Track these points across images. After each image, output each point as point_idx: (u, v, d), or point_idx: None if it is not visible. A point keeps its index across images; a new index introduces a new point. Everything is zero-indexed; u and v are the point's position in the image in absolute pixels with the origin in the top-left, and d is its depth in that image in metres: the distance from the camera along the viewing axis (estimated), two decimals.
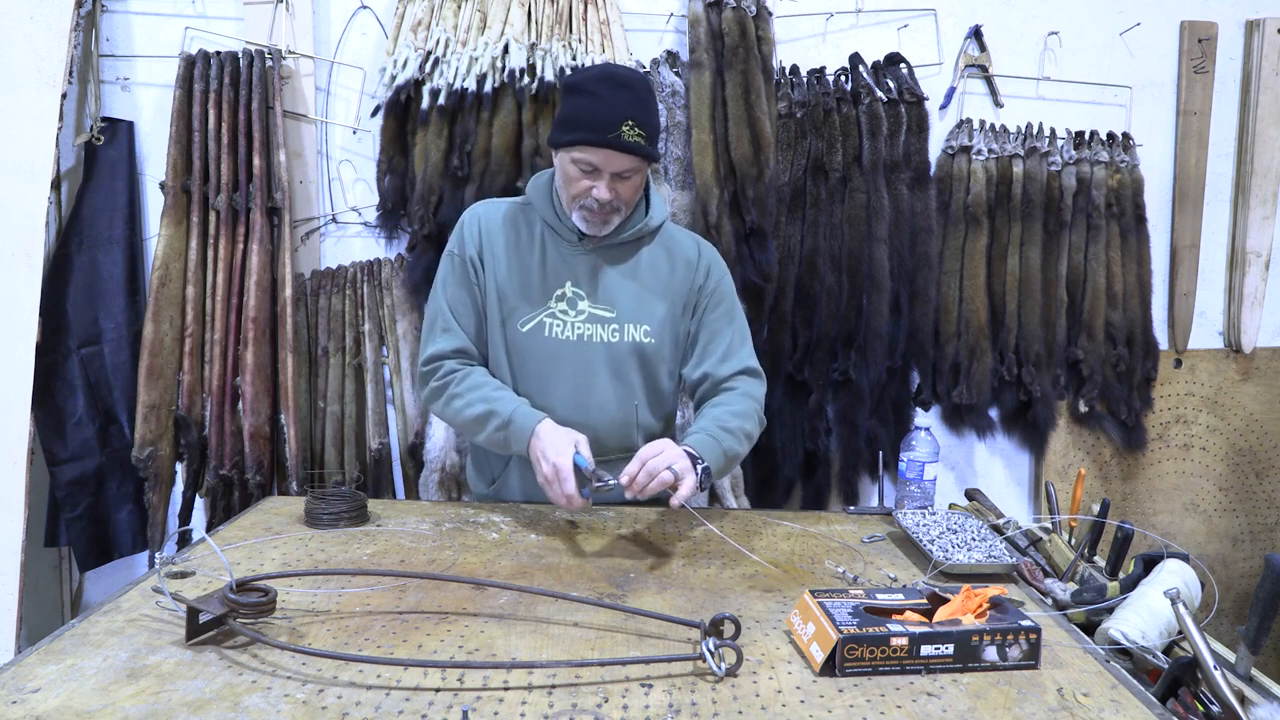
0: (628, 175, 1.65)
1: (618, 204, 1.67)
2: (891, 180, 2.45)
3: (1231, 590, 2.74)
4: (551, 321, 1.73)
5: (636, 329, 1.75)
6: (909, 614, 1.17)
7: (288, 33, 2.33)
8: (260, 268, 2.27)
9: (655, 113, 1.69)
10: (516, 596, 1.31)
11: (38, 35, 2.18)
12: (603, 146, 1.60)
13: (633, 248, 1.78)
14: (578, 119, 1.62)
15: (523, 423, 1.61)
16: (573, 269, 1.74)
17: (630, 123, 1.59)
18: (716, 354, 1.78)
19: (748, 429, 1.70)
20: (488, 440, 1.68)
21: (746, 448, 1.72)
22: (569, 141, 1.63)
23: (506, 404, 1.65)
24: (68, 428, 2.30)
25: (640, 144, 1.61)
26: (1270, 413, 2.76)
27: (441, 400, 1.73)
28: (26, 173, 2.19)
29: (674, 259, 1.79)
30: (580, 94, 1.64)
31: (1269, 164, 2.65)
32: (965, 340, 2.53)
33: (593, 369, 1.73)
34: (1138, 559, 1.44)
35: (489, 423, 1.65)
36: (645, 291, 1.76)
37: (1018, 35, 2.57)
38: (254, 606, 1.16)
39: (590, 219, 1.68)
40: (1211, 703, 1.12)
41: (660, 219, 1.80)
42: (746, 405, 1.73)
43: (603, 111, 1.59)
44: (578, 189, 1.65)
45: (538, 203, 1.77)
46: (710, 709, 1.01)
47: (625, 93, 1.62)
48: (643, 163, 1.65)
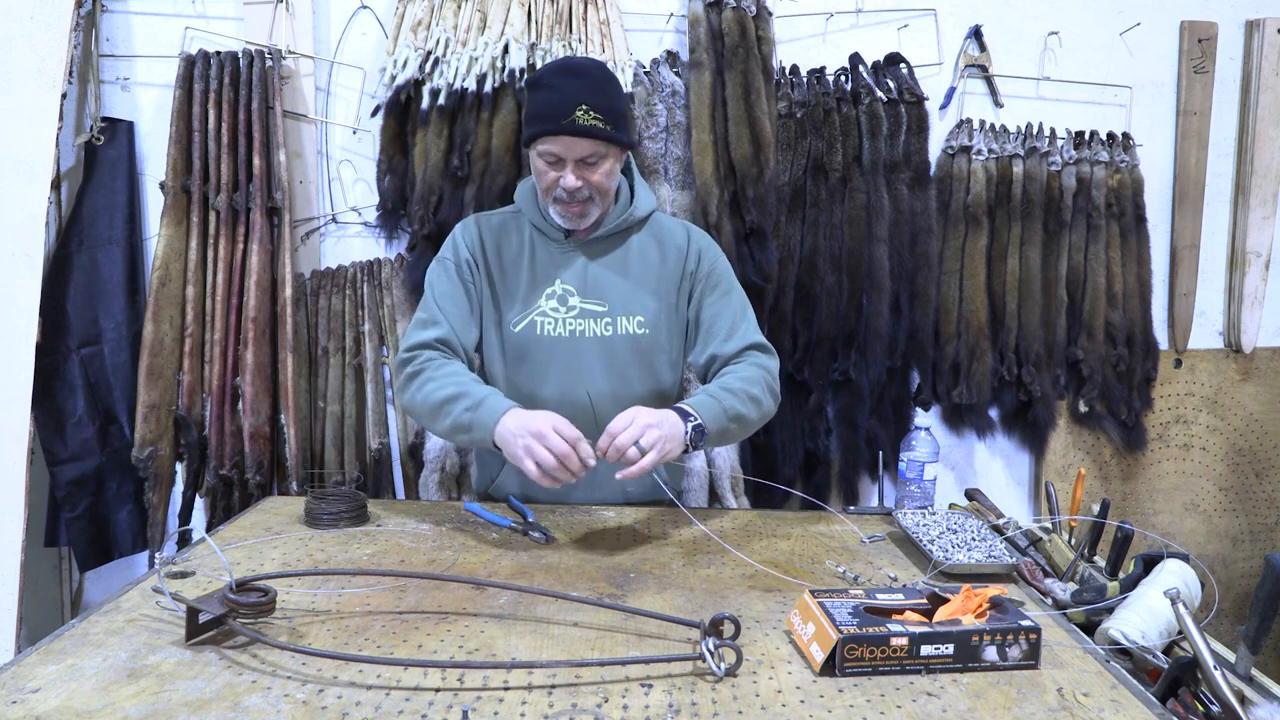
0: (592, 160, 1.65)
1: (589, 192, 1.67)
2: (891, 180, 2.45)
3: (1231, 590, 2.74)
4: (542, 320, 1.73)
5: (630, 320, 1.75)
6: (909, 614, 1.17)
7: (288, 33, 2.33)
8: (260, 268, 2.27)
9: (615, 97, 1.67)
10: (516, 596, 1.31)
11: (38, 35, 2.18)
12: (559, 134, 1.61)
13: (620, 239, 1.78)
14: (536, 112, 1.65)
15: (495, 403, 1.53)
16: (561, 267, 1.75)
17: (584, 107, 1.60)
18: (720, 334, 1.76)
19: (753, 393, 1.65)
20: (452, 424, 1.56)
21: (753, 412, 1.64)
22: (530, 136, 1.66)
23: (480, 390, 1.58)
24: (68, 428, 2.30)
25: (597, 127, 1.61)
26: (1270, 413, 2.76)
27: (414, 385, 1.64)
28: (26, 173, 2.19)
29: (664, 247, 1.80)
30: (537, 88, 1.66)
31: (1269, 164, 2.65)
32: (965, 340, 2.53)
33: (587, 364, 1.73)
34: (1138, 559, 1.44)
35: (458, 402, 1.56)
36: (636, 282, 1.76)
37: (1018, 35, 2.57)
38: (254, 606, 1.16)
39: (565, 212, 1.69)
40: (1211, 703, 1.12)
41: (647, 209, 1.80)
42: (754, 372, 1.69)
43: (556, 100, 1.61)
44: (547, 181, 1.67)
45: (525, 207, 1.78)
46: (710, 709, 1.01)
47: (578, 79, 1.64)
48: (605, 145, 1.65)
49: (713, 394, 1.61)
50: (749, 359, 1.73)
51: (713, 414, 1.56)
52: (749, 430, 1.70)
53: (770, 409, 1.71)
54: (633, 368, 1.76)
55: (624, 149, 1.72)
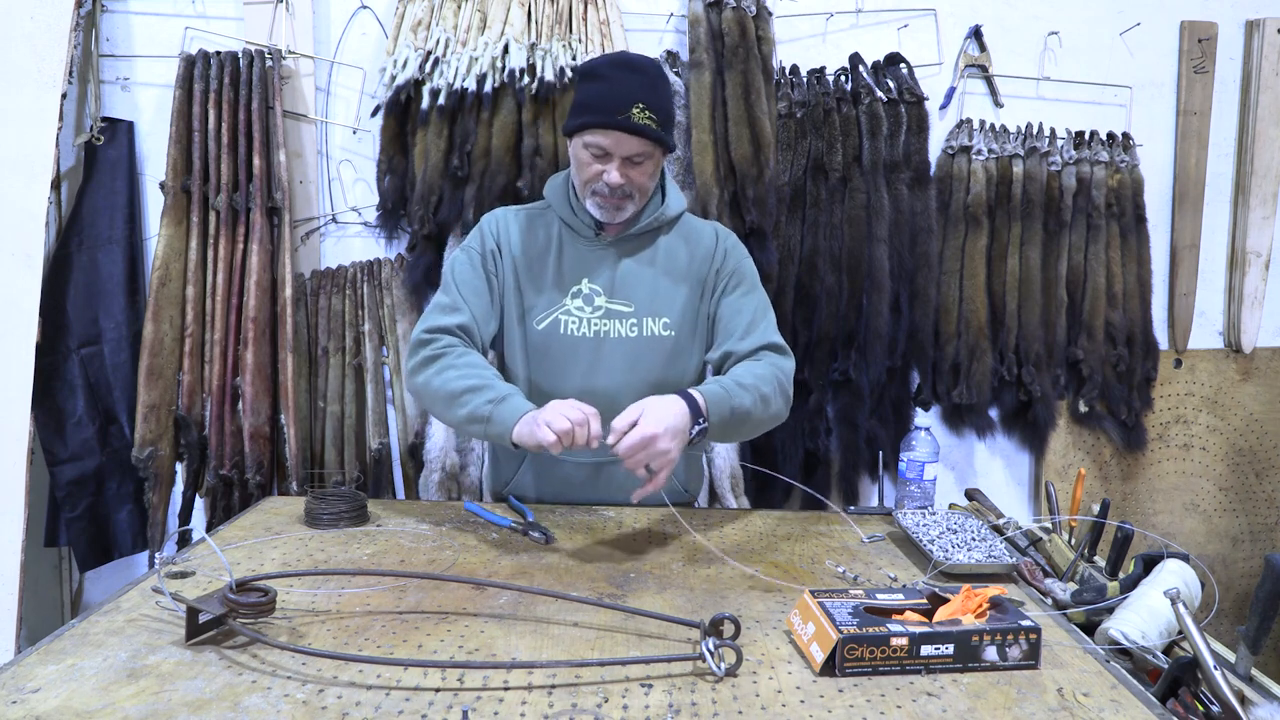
0: (639, 160, 1.64)
1: (630, 189, 1.66)
2: (891, 180, 2.44)
3: (1231, 590, 2.74)
4: (566, 318, 1.72)
5: (655, 322, 1.73)
6: (909, 614, 1.17)
7: (288, 33, 2.33)
8: (260, 268, 2.27)
9: (668, 99, 1.67)
10: (516, 596, 1.31)
11: (38, 35, 2.18)
12: (612, 128, 1.59)
13: (650, 239, 1.77)
14: (588, 103, 1.62)
15: (519, 403, 1.51)
16: (589, 265, 1.73)
17: (640, 105, 1.59)
18: (737, 331, 1.73)
19: (765, 391, 1.61)
20: (469, 414, 1.53)
21: (761, 411, 1.61)
22: (579, 125, 1.63)
23: (504, 387, 1.56)
24: (68, 428, 2.30)
25: (650, 127, 1.60)
26: (1270, 413, 2.76)
27: (433, 369, 1.60)
28: (26, 173, 2.19)
29: (693, 248, 1.78)
30: (592, 79, 1.65)
31: (1269, 164, 2.65)
32: (965, 340, 2.53)
33: (609, 365, 1.72)
34: (1138, 559, 1.44)
35: (479, 394, 1.53)
36: (664, 282, 1.75)
37: (1018, 35, 2.57)
38: (254, 606, 1.16)
39: (603, 205, 1.67)
40: (1211, 703, 1.12)
41: (678, 209, 1.79)
42: (768, 370, 1.65)
43: (613, 94, 1.59)
44: (589, 174, 1.65)
45: (555, 202, 1.76)
46: (710, 709, 1.01)
47: (637, 76, 1.62)
48: (654, 147, 1.64)
49: (725, 386, 1.58)
50: (765, 358, 1.70)
51: (719, 410, 1.54)
52: (755, 430, 1.67)
53: (780, 411, 1.67)
54: (656, 369, 1.73)
55: (668, 151, 1.71)
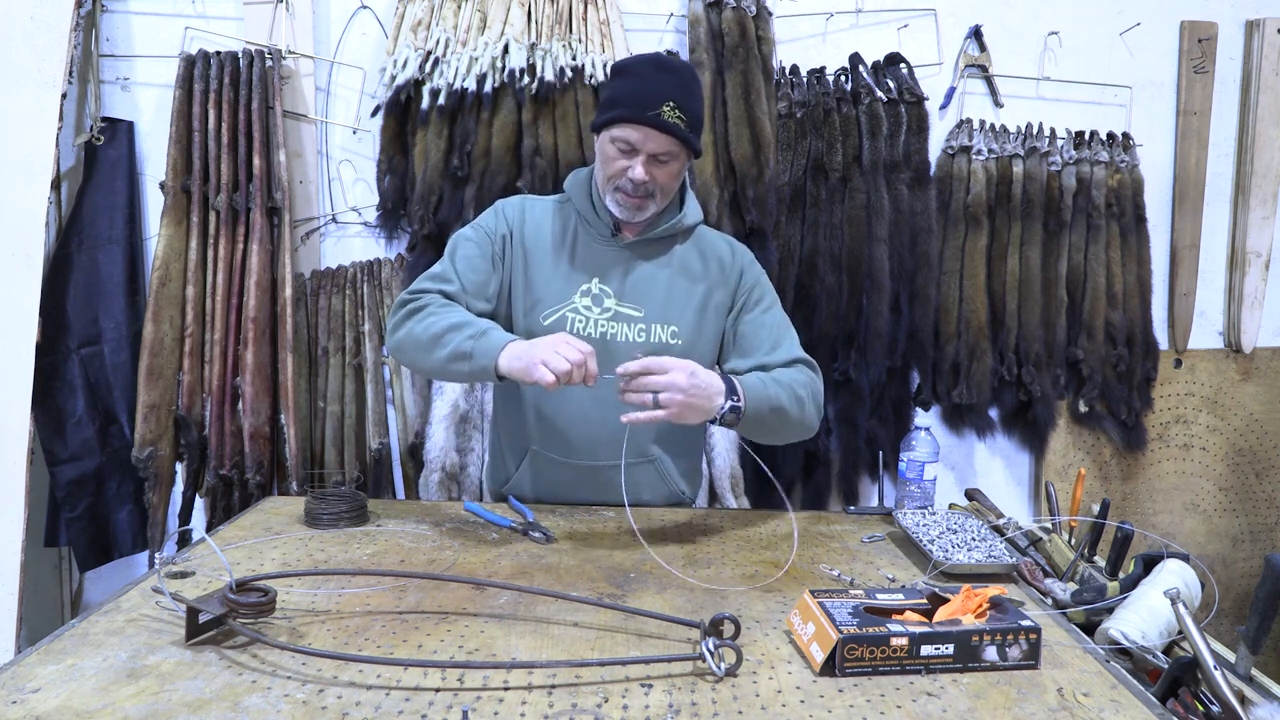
0: (665, 159, 1.64)
1: (653, 188, 1.65)
2: (891, 180, 2.44)
3: (1231, 590, 2.74)
4: (574, 317, 1.71)
5: (664, 329, 1.72)
6: (909, 614, 1.17)
7: (288, 33, 2.33)
8: (260, 268, 2.27)
9: (699, 103, 1.68)
10: (516, 596, 1.31)
11: (38, 35, 2.18)
12: (641, 124, 1.59)
13: (666, 245, 1.76)
14: (619, 98, 1.62)
15: (500, 335, 1.51)
16: (602, 265, 1.73)
17: (672, 104, 1.59)
18: (764, 346, 1.73)
19: (800, 393, 1.62)
20: (451, 352, 1.51)
21: (796, 410, 1.61)
22: (608, 120, 1.63)
23: (485, 322, 1.55)
24: (68, 428, 2.30)
25: (680, 126, 1.60)
26: (1270, 413, 2.76)
27: (414, 320, 1.59)
28: (26, 173, 2.19)
29: (707, 260, 1.78)
30: (625, 75, 1.66)
31: (1269, 164, 2.65)
32: (965, 340, 2.53)
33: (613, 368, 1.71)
34: (1138, 559, 1.44)
35: (460, 330, 1.52)
36: (676, 291, 1.74)
37: (1018, 35, 2.57)
38: (254, 606, 1.16)
39: (624, 202, 1.67)
40: (1211, 703, 1.12)
41: (695, 219, 1.79)
42: (803, 376, 1.67)
43: (646, 91, 1.60)
44: (614, 169, 1.65)
45: (575, 196, 1.76)
46: (710, 709, 1.01)
47: (671, 76, 1.63)
48: (681, 147, 1.64)
49: (761, 379, 1.58)
50: (799, 369, 1.70)
51: (756, 397, 1.54)
52: (785, 430, 1.64)
53: (812, 419, 1.67)
54: None
55: (694, 155, 1.71)
